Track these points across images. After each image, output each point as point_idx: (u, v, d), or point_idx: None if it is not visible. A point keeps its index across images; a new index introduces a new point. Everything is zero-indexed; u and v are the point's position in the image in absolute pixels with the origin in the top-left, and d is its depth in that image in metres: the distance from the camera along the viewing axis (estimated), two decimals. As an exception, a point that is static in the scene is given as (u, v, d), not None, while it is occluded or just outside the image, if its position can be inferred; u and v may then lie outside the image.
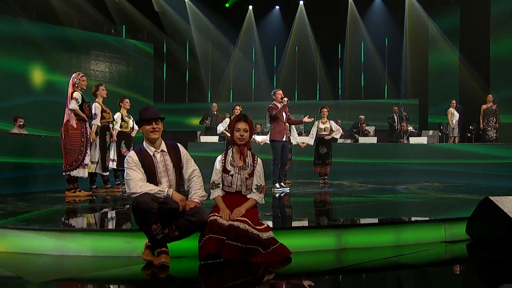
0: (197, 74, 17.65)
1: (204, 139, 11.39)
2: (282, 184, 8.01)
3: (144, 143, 3.44)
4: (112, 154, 7.62)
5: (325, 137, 9.23)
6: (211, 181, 3.64)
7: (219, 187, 3.62)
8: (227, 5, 17.14)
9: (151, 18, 15.93)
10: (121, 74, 14.04)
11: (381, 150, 11.61)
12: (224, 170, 3.62)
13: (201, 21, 16.69)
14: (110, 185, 7.46)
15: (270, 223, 3.83)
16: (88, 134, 6.66)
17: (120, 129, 7.74)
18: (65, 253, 3.50)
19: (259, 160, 3.71)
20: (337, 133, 9.40)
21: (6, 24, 12.27)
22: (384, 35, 16.89)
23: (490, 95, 11.88)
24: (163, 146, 3.46)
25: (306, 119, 8.75)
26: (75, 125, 6.42)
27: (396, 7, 15.99)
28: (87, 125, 6.67)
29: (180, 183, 3.51)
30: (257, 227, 3.35)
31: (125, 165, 3.30)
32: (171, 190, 3.29)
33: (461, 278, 3.74)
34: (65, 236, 3.57)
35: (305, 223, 4.73)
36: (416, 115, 16.05)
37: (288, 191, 7.91)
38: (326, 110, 9.26)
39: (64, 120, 6.48)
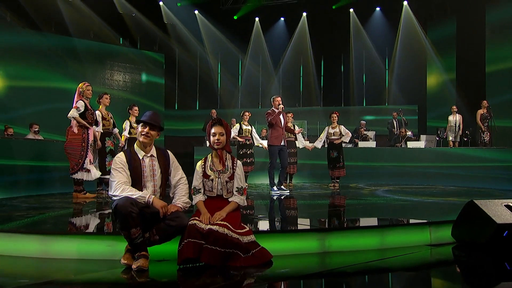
0: (207, 82, 17.57)
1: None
2: (281, 187, 7.83)
3: (135, 146, 3.32)
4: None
5: (335, 141, 9.02)
6: (192, 187, 3.49)
7: (201, 192, 3.47)
8: (235, 17, 17.05)
9: (162, 30, 15.91)
10: (134, 83, 14.02)
11: (380, 154, 11.43)
12: (205, 175, 3.46)
13: (211, 32, 16.62)
14: None
15: (261, 225, 3.67)
16: (90, 139, 6.60)
17: (129, 136, 7.64)
18: (50, 256, 3.37)
19: (238, 162, 3.55)
20: (346, 137, 9.17)
21: (27, 36, 12.36)
22: (384, 45, 16.65)
23: (485, 101, 11.64)
24: (153, 152, 3.34)
25: (297, 131, 8.93)
26: (76, 131, 6.40)
27: (395, 18, 15.76)
28: (90, 131, 6.60)
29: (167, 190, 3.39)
30: (238, 230, 3.19)
31: (112, 165, 3.18)
32: (152, 196, 3.15)
33: (446, 281, 3.55)
34: (50, 239, 3.42)
35: (288, 226, 4.55)
36: (416, 120, 15.82)
37: (288, 193, 7.73)
38: (335, 115, 9.10)
39: (69, 126, 6.47)
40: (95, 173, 6.58)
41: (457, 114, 12.03)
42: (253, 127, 9.22)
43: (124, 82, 13.87)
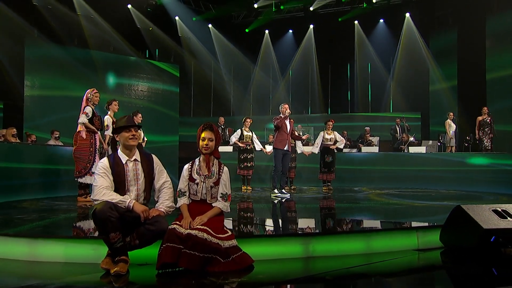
0: (220, 91, 17.51)
1: (220, 149, 11.10)
2: (282, 190, 7.64)
3: (119, 151, 3.18)
4: None
5: (330, 147, 8.87)
6: (177, 189, 3.31)
7: (186, 195, 3.29)
8: (247, 30, 16.99)
9: (178, 42, 15.93)
10: (151, 92, 14.00)
11: (383, 159, 11.16)
12: (190, 179, 3.30)
13: (224, 44, 16.59)
14: None
15: (247, 229, 3.49)
16: (97, 144, 6.53)
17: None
18: (37, 259, 3.24)
19: (225, 168, 3.37)
20: (341, 143, 9.18)
21: (52, 50, 12.44)
22: (388, 55, 16.36)
23: (485, 108, 11.35)
24: (137, 156, 3.20)
25: (304, 137, 8.98)
26: (84, 136, 6.33)
27: (398, 29, 15.52)
28: (97, 136, 6.55)
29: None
30: (219, 235, 3.01)
31: (96, 171, 3.06)
32: (133, 201, 2.99)
33: (433, 286, 3.33)
34: (37, 242, 3.30)
35: (274, 230, 4.33)
36: (418, 126, 15.46)
37: (288, 197, 7.54)
38: (331, 123, 8.99)
39: (76, 131, 6.39)
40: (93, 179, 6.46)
41: (452, 122, 11.75)
42: (253, 133, 9.09)
43: (142, 92, 13.85)
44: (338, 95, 17.53)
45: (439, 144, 12.43)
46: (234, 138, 9.10)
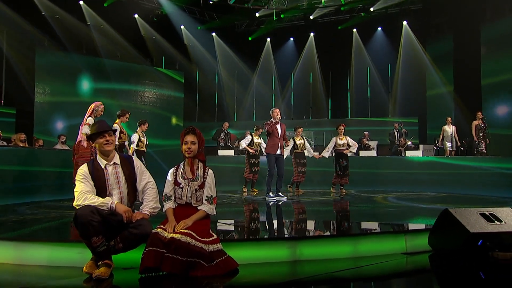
0: (224, 97, 17.45)
1: (221, 153, 11.06)
2: (279, 194, 7.51)
3: (97, 157, 3.07)
4: None
5: (344, 151, 8.67)
6: (163, 194, 3.20)
7: (171, 199, 3.15)
8: (250, 38, 16.95)
9: (183, 50, 15.91)
10: (156, 98, 13.99)
11: (380, 162, 11.08)
12: (175, 183, 3.16)
13: (227, 52, 16.54)
14: None
15: (233, 232, 3.37)
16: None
17: (136, 148, 7.48)
18: (23, 262, 3.14)
19: (210, 171, 3.22)
20: (354, 147, 8.90)
21: (61, 57, 12.49)
22: (387, 62, 16.25)
23: (479, 113, 11.23)
24: (116, 159, 3.08)
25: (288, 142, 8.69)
26: (85, 145, 6.30)
27: (395, 37, 15.38)
28: None
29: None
30: (203, 239, 2.89)
31: (76, 177, 2.94)
32: (115, 202, 2.88)
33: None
34: (23, 246, 3.20)
35: (261, 233, 4.19)
36: (416, 131, 15.30)
37: (285, 200, 7.41)
38: (342, 127, 8.81)
39: (77, 140, 6.38)
40: None
41: (452, 125, 11.58)
42: (262, 140, 9.11)
43: (148, 97, 13.84)
44: (338, 101, 17.40)
45: (435, 148, 12.28)
46: (244, 143, 9.13)
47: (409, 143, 12.82)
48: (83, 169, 2.96)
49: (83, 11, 13.51)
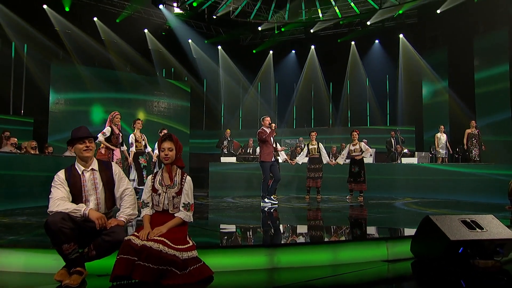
0: (230, 106, 17.38)
1: (224, 160, 10.91)
2: (272, 197, 7.32)
3: (75, 162, 2.91)
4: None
5: (356, 157, 8.26)
6: (141, 200, 3.03)
7: (149, 206, 2.98)
8: (254, 51, 16.90)
9: (189, 63, 15.94)
10: (165, 108, 13.93)
11: (377, 168, 10.77)
12: (153, 189, 2.98)
13: (230, 64, 16.50)
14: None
15: (211, 239, 3.18)
16: (115, 159, 6.60)
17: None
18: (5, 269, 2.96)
19: (188, 178, 3.03)
20: (367, 152, 8.43)
21: (74, 70, 12.51)
22: (385, 72, 16.06)
23: (473, 121, 11.00)
24: (95, 165, 2.91)
25: (278, 148, 8.19)
26: (103, 152, 6.47)
27: (392, 49, 15.20)
28: (115, 152, 6.66)
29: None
30: (178, 246, 2.70)
31: (52, 183, 2.78)
32: (88, 209, 2.71)
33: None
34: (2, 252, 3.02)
35: (238, 240, 3.98)
36: (413, 139, 15.03)
37: (277, 205, 7.19)
38: (356, 133, 8.39)
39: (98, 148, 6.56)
40: None
41: (443, 134, 11.34)
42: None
43: (157, 108, 13.79)
44: (338, 110, 17.21)
45: (430, 155, 12.02)
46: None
47: (405, 150, 12.57)
48: (60, 175, 2.81)
49: (97, 26, 13.62)
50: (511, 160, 11.02)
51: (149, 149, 7.49)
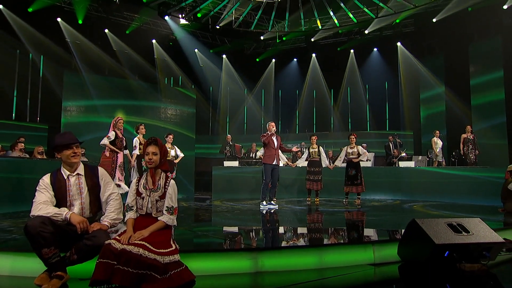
0: (235, 112, 17.31)
1: (227, 164, 10.81)
2: (271, 202, 7.19)
3: (61, 167, 2.80)
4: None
5: (353, 160, 8.08)
6: (125, 204, 2.91)
7: (133, 209, 2.86)
8: (257, 59, 16.83)
9: (195, 71, 15.96)
10: (172, 114, 13.85)
11: (374, 171, 10.58)
12: (137, 193, 2.87)
13: (234, 72, 16.48)
14: None
15: (195, 242, 3.06)
16: (118, 162, 6.62)
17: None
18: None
19: (172, 182, 2.91)
20: (364, 156, 8.24)
21: (85, 78, 12.53)
22: (384, 79, 15.89)
23: (469, 126, 10.81)
24: (80, 170, 2.81)
25: (294, 149, 8.20)
26: (107, 155, 6.53)
27: (390, 56, 15.07)
28: (119, 155, 6.66)
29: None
30: (159, 250, 2.55)
31: (36, 187, 2.68)
32: (70, 212, 2.60)
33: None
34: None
35: (223, 244, 3.81)
36: (411, 143, 14.81)
37: (276, 208, 7.06)
38: (354, 137, 8.22)
39: (103, 151, 6.64)
40: (124, 187, 6.36)
41: (439, 138, 11.15)
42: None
43: (164, 114, 13.72)
44: (339, 115, 17.05)
45: (427, 159, 11.80)
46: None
47: (403, 154, 12.34)
48: (44, 179, 2.72)
49: (108, 38, 13.68)
50: (506, 163, 10.74)
51: None
